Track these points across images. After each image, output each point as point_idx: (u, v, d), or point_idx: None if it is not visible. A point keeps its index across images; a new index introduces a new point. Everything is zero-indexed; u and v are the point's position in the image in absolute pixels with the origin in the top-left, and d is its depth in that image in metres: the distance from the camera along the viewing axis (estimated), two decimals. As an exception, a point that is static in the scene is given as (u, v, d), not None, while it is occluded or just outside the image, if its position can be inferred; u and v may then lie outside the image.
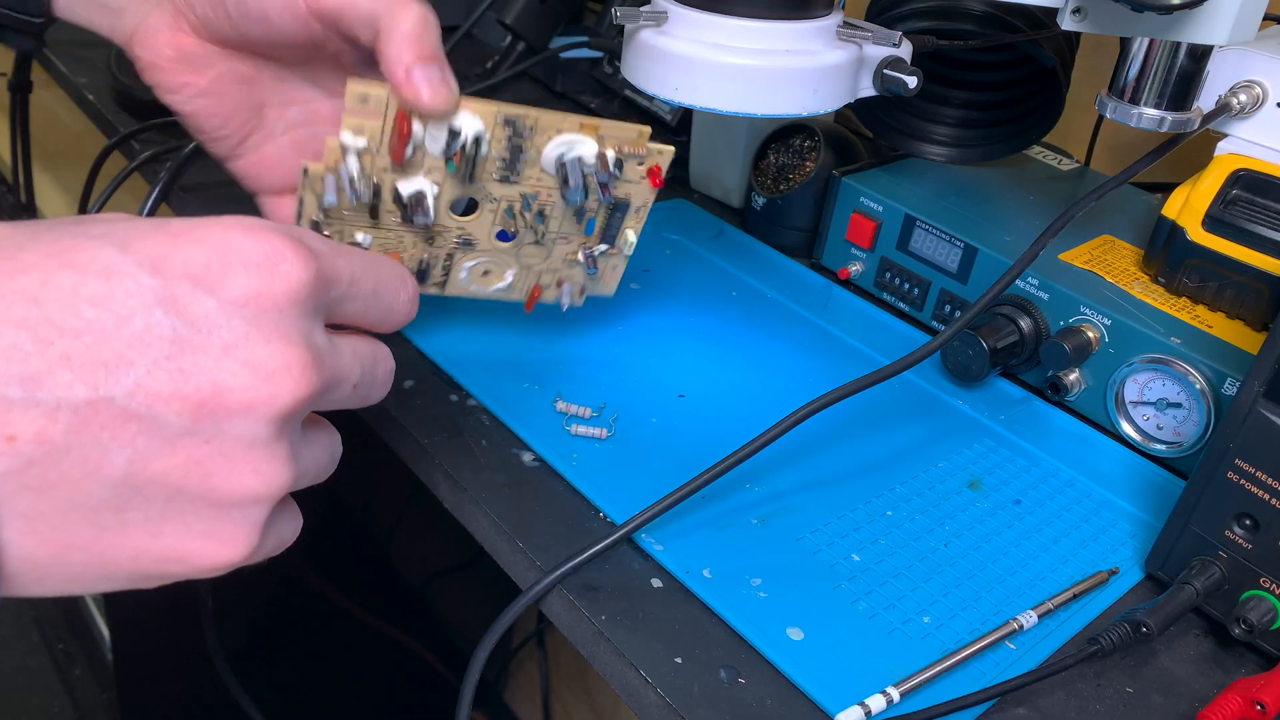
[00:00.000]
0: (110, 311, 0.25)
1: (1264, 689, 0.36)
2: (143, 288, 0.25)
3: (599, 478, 0.44)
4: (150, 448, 0.25)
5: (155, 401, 0.25)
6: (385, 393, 0.33)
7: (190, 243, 0.27)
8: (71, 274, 0.25)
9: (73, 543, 0.26)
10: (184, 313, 0.26)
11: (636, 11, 0.46)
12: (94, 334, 0.24)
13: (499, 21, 0.81)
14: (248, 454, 0.27)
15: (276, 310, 0.27)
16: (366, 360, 0.32)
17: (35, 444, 0.24)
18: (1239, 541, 0.40)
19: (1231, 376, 0.47)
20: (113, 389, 0.24)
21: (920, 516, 0.45)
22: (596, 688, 1.29)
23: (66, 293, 0.24)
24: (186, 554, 0.27)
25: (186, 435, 0.26)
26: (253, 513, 0.28)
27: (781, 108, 0.46)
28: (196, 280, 0.26)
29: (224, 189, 0.65)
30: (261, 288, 0.27)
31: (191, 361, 0.26)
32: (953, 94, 0.66)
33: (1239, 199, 0.52)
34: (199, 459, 0.26)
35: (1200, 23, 0.43)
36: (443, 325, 0.53)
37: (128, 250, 0.26)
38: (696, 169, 0.73)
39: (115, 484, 0.25)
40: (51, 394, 0.24)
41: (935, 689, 0.37)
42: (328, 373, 0.29)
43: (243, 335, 0.26)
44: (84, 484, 0.25)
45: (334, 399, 0.30)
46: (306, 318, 0.28)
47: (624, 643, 0.37)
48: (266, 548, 0.29)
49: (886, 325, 0.60)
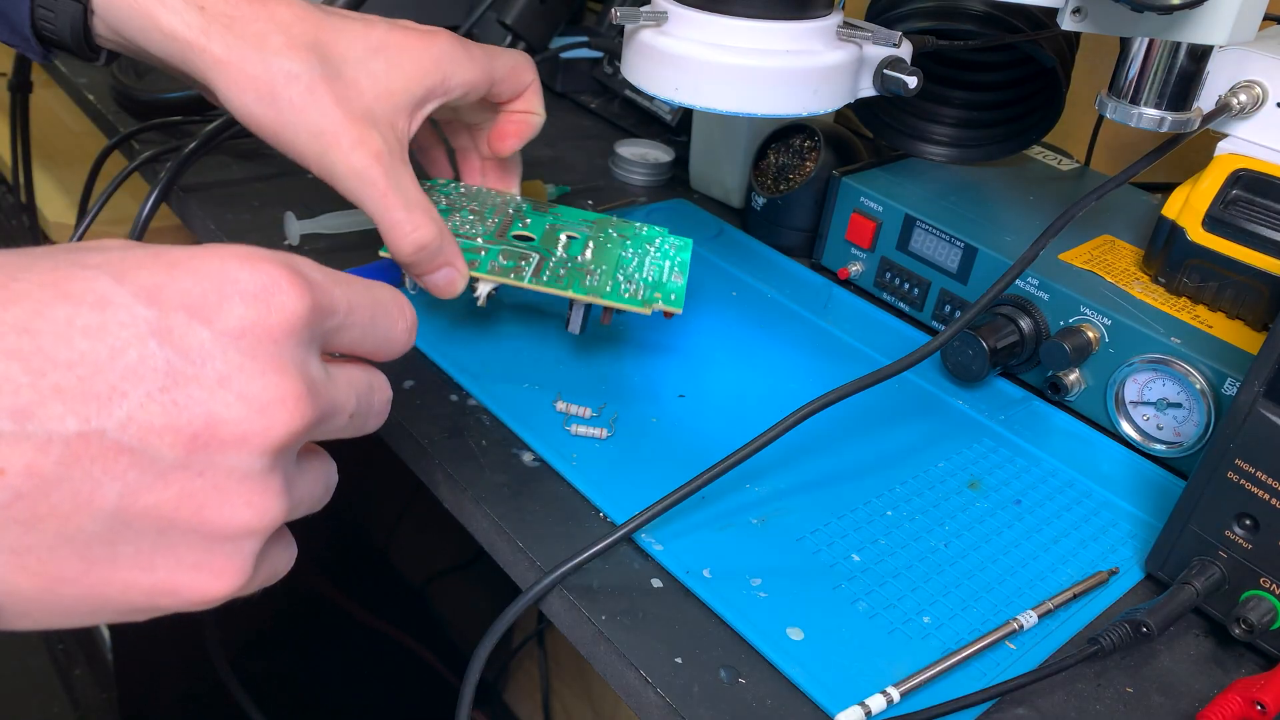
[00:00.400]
0: (104, 343, 0.24)
1: (1264, 689, 0.36)
2: (137, 319, 0.25)
3: (599, 478, 0.44)
4: (142, 480, 0.25)
5: (148, 434, 0.25)
6: (381, 422, 0.33)
7: (187, 273, 0.26)
8: (66, 305, 0.24)
9: (62, 576, 0.25)
10: (179, 344, 0.25)
11: (636, 11, 0.46)
12: (87, 365, 0.24)
13: (499, 21, 0.81)
14: (241, 486, 0.26)
15: (272, 341, 0.27)
16: (363, 389, 0.31)
17: (25, 477, 0.23)
18: (1239, 541, 0.40)
19: (1231, 376, 0.47)
20: (105, 421, 0.24)
21: (920, 516, 0.45)
22: (596, 688, 1.29)
23: (60, 324, 0.24)
24: (178, 587, 0.27)
25: (179, 468, 0.25)
26: (245, 545, 0.27)
27: (781, 108, 0.46)
28: (192, 311, 0.26)
29: (224, 189, 0.65)
30: (257, 319, 0.27)
31: (185, 394, 0.25)
32: (953, 94, 0.66)
33: (1239, 199, 0.52)
34: (191, 491, 0.26)
35: (1200, 23, 0.43)
36: (443, 325, 0.53)
37: (123, 280, 0.25)
38: (696, 169, 0.73)
39: (106, 517, 0.25)
40: (43, 426, 0.23)
41: (935, 689, 0.37)
42: (323, 404, 0.28)
43: (237, 367, 0.26)
44: (74, 517, 0.24)
45: (329, 429, 0.30)
46: (302, 348, 0.28)
47: (624, 643, 0.37)
48: (259, 579, 0.29)
49: (886, 325, 0.60)
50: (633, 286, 0.48)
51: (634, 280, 0.49)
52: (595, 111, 0.85)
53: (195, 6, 0.43)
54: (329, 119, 0.44)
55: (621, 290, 0.48)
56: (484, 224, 0.51)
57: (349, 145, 0.44)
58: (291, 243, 0.59)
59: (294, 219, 0.58)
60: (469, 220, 0.51)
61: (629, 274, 0.49)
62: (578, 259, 0.50)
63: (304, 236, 0.59)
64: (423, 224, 0.45)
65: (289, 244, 0.59)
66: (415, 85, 0.46)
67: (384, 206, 0.45)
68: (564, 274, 0.48)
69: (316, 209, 0.60)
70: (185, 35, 0.43)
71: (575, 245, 0.51)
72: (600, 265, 0.50)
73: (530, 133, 0.53)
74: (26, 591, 0.25)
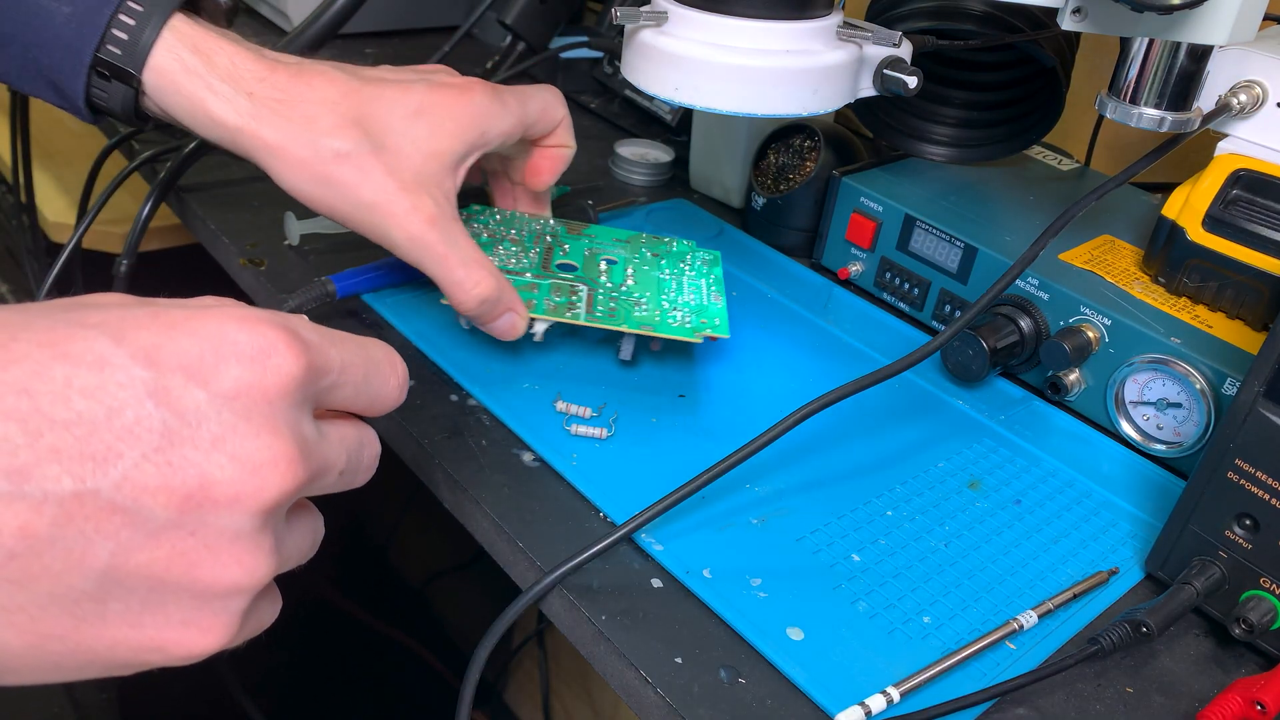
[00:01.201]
0: (101, 403, 0.25)
1: (1264, 689, 0.36)
2: (135, 379, 0.25)
3: (599, 478, 0.44)
4: (134, 539, 0.25)
5: (142, 494, 0.25)
6: (369, 477, 0.33)
7: (185, 334, 0.27)
8: (64, 365, 0.25)
9: (51, 633, 0.25)
10: (175, 405, 0.26)
11: (636, 11, 0.46)
12: (84, 426, 0.24)
13: (499, 21, 0.81)
14: (232, 546, 0.27)
15: (267, 403, 0.27)
16: (353, 446, 0.32)
17: (19, 538, 0.24)
18: (1239, 541, 0.40)
19: (1231, 376, 0.47)
20: (100, 481, 0.24)
21: (920, 516, 0.45)
22: (596, 688, 1.29)
23: (59, 384, 0.24)
24: (165, 644, 0.27)
25: (172, 527, 0.26)
26: (234, 603, 0.28)
27: (781, 108, 0.46)
28: (189, 373, 0.26)
29: (224, 189, 0.65)
30: (253, 380, 0.27)
31: (180, 454, 0.26)
32: (953, 94, 0.66)
33: (1239, 199, 0.52)
34: (183, 550, 0.26)
35: (1200, 23, 0.43)
36: (443, 325, 0.53)
37: (122, 341, 0.26)
38: (696, 169, 0.73)
39: (97, 576, 0.25)
40: (39, 487, 0.24)
41: (935, 689, 0.37)
42: (314, 464, 0.29)
43: (232, 428, 0.26)
44: (66, 576, 0.25)
45: (319, 487, 0.31)
46: (296, 409, 0.28)
47: (624, 643, 0.37)
48: (245, 634, 0.29)
49: (886, 325, 0.60)
50: (679, 314, 0.51)
51: (679, 306, 0.51)
52: (595, 111, 0.85)
53: (244, 93, 0.45)
54: (382, 192, 0.45)
55: (669, 318, 0.50)
56: (527, 255, 0.53)
57: (404, 214, 0.46)
58: (291, 243, 0.59)
59: (294, 219, 0.58)
60: (513, 252, 0.53)
61: (673, 299, 0.52)
62: (621, 286, 0.52)
63: (304, 236, 0.59)
64: (482, 279, 0.46)
65: (289, 244, 0.59)
66: (458, 144, 0.48)
67: (445, 268, 0.46)
68: (614, 307, 0.50)
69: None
70: (235, 123, 0.45)
71: (616, 271, 0.53)
72: (645, 291, 0.52)
73: (563, 166, 0.55)
74: (15, 648, 0.25)
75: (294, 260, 0.58)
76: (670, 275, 0.54)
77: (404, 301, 0.55)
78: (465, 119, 0.48)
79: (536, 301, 0.49)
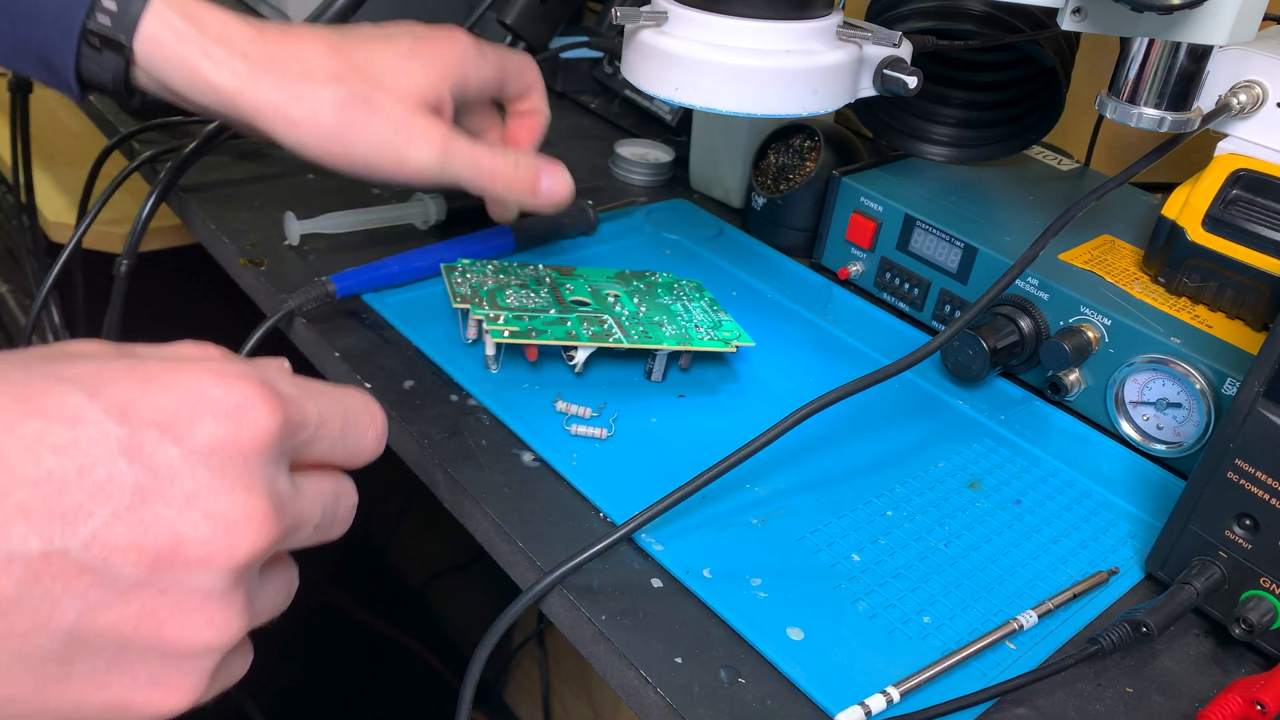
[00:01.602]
0: (73, 460, 0.24)
1: (1264, 689, 0.36)
2: (108, 436, 0.25)
3: (599, 478, 0.44)
4: (103, 599, 0.25)
5: (111, 553, 0.25)
6: (345, 529, 0.33)
7: (161, 389, 0.26)
8: (37, 421, 0.24)
9: (14, 695, 0.25)
10: (148, 462, 0.25)
11: (636, 11, 0.46)
12: (54, 483, 0.24)
13: (499, 21, 0.81)
14: (203, 605, 0.26)
15: (242, 459, 0.27)
16: (329, 500, 0.31)
17: None
18: (1239, 541, 0.40)
19: (1231, 376, 0.47)
20: (68, 541, 0.24)
21: (920, 516, 0.45)
22: (596, 688, 1.29)
23: (30, 441, 0.24)
24: (132, 704, 0.27)
25: (141, 586, 0.25)
26: (203, 662, 0.27)
27: (781, 108, 0.46)
28: (164, 428, 0.26)
29: (224, 189, 0.65)
30: (229, 436, 0.26)
31: (152, 513, 0.25)
32: (953, 94, 0.66)
33: (1239, 199, 0.52)
34: (152, 610, 0.26)
35: (1200, 23, 0.43)
36: (442, 325, 0.53)
37: (97, 396, 0.25)
38: (696, 169, 0.73)
39: (64, 636, 0.25)
40: (5, 546, 0.23)
41: (935, 689, 0.37)
42: (289, 520, 0.28)
43: (206, 485, 0.26)
44: (31, 636, 0.24)
45: (294, 541, 0.30)
46: (271, 464, 0.28)
47: (624, 643, 0.37)
48: (214, 689, 0.29)
49: (886, 325, 0.60)
50: (702, 331, 0.52)
51: (700, 325, 0.53)
52: (595, 111, 0.85)
53: (239, 55, 0.45)
54: (394, 119, 0.47)
55: (696, 334, 0.51)
56: (539, 296, 0.53)
57: (423, 132, 0.47)
58: (291, 242, 0.59)
59: (294, 219, 0.58)
60: (523, 294, 0.53)
61: (690, 319, 0.53)
62: (639, 313, 0.53)
63: (304, 236, 0.59)
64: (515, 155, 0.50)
65: (289, 244, 0.59)
66: (446, 85, 0.49)
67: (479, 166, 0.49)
68: (644, 329, 0.51)
69: (316, 209, 0.60)
70: (233, 85, 0.45)
71: (626, 300, 0.54)
72: (660, 315, 0.53)
73: (540, 131, 0.56)
74: None
75: (294, 260, 0.58)
76: (673, 300, 0.55)
77: (404, 301, 0.55)
78: (453, 59, 0.50)
79: (577, 332, 0.49)
